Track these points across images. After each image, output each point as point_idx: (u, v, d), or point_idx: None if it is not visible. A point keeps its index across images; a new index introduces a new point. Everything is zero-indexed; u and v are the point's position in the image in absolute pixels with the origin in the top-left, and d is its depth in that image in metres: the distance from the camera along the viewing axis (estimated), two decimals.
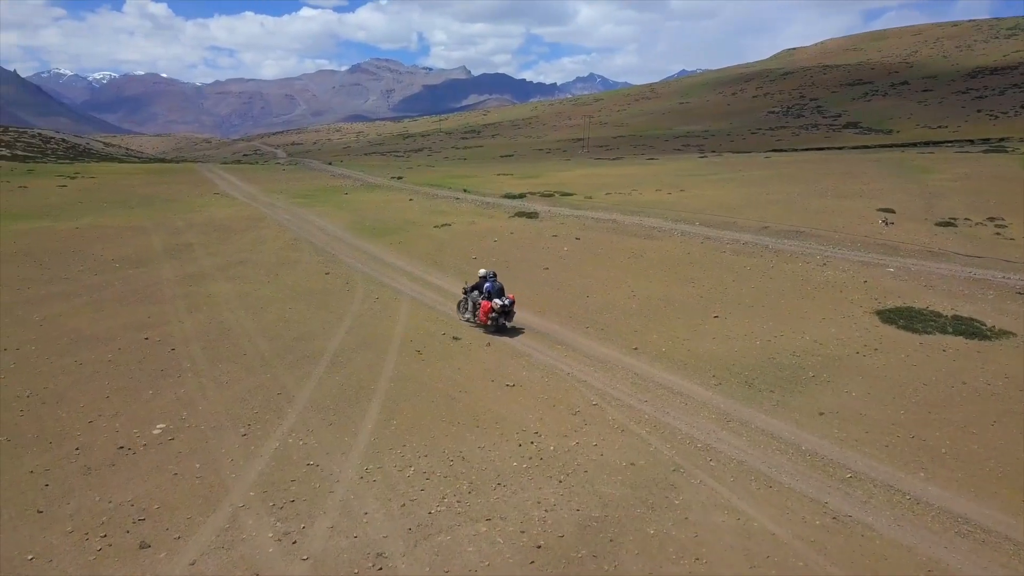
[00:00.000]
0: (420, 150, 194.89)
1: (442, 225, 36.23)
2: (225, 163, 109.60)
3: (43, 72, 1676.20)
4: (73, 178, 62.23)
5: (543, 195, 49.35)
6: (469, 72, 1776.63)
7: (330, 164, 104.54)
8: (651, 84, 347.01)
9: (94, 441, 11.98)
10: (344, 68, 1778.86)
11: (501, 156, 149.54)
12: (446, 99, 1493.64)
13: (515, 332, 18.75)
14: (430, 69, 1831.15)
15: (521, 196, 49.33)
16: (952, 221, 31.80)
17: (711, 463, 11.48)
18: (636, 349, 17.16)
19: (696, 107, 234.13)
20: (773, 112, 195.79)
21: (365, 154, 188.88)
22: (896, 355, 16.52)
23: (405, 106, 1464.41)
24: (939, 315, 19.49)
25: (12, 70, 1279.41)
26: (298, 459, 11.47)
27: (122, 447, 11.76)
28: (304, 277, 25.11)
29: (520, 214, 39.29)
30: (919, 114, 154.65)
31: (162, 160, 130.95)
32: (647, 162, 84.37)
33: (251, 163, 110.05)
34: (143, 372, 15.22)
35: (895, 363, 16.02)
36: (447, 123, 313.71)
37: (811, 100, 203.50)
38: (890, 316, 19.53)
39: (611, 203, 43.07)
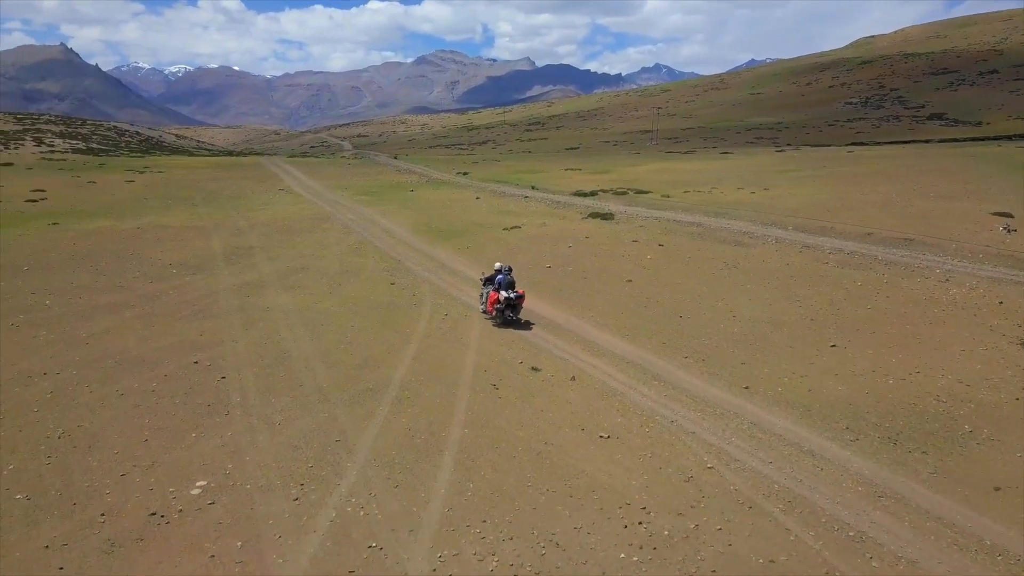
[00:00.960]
0: (484, 143, 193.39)
1: (511, 228, 34.10)
2: (292, 156, 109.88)
3: (123, 66, 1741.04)
4: (142, 172, 62.41)
5: (616, 193, 46.81)
6: (533, 63, 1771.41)
7: (395, 158, 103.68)
8: (720, 74, 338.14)
9: (124, 503, 10.22)
10: (409, 60, 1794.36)
11: (566, 149, 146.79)
12: (510, 90, 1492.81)
13: (526, 326, 19.33)
14: (494, 60, 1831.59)
15: (593, 194, 46.90)
16: None
17: (872, 563, 9.03)
18: (747, 388, 14.70)
19: (768, 98, 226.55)
20: (851, 103, 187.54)
21: (430, 147, 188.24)
22: None
23: (469, 98, 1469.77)
24: None
25: (94, 64, 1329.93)
26: (358, 537, 9.47)
27: (154, 513, 9.94)
28: (368, 287, 23.31)
29: (594, 215, 36.89)
30: (1011, 104, 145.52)
31: (230, 153, 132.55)
32: (721, 156, 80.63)
33: (317, 156, 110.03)
34: (188, 407, 13.51)
35: None
36: (511, 115, 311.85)
37: (891, 90, 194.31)
38: None
39: (691, 203, 40.27)
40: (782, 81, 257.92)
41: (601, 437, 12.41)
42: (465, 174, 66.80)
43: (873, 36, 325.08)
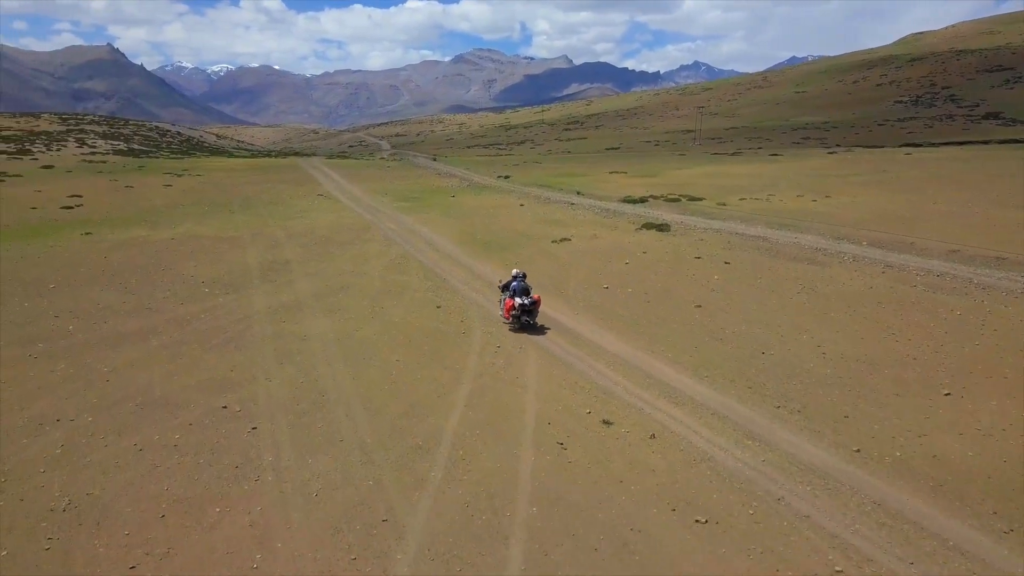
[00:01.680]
0: (522, 142, 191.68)
1: (561, 240, 32.08)
2: (330, 157, 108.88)
3: (167, 65, 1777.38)
4: (180, 176, 61.63)
5: (668, 199, 44.54)
6: (571, 61, 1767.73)
7: (435, 160, 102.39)
8: (763, 72, 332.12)
9: None
10: (447, 59, 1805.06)
11: (607, 149, 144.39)
12: (547, 88, 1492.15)
13: (541, 330, 19.63)
14: (531, 59, 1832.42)
15: (643, 201, 44.68)
16: None
17: None
18: (858, 451, 12.49)
19: (813, 96, 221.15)
20: (901, 102, 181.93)
21: (467, 147, 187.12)
22: None
23: (506, 96, 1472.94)
24: None
25: (139, 64, 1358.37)
26: None
27: None
28: (412, 311, 21.48)
29: (648, 226, 34.69)
30: None
31: (268, 154, 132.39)
32: (771, 159, 77.64)
33: (356, 157, 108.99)
34: (213, 470, 11.76)
35: None
36: (549, 114, 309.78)
37: (943, 88, 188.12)
38: None
39: (749, 211, 37.88)
40: (828, 79, 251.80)
41: (697, 522, 10.34)
42: (507, 178, 64.95)
43: (922, 32, 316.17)
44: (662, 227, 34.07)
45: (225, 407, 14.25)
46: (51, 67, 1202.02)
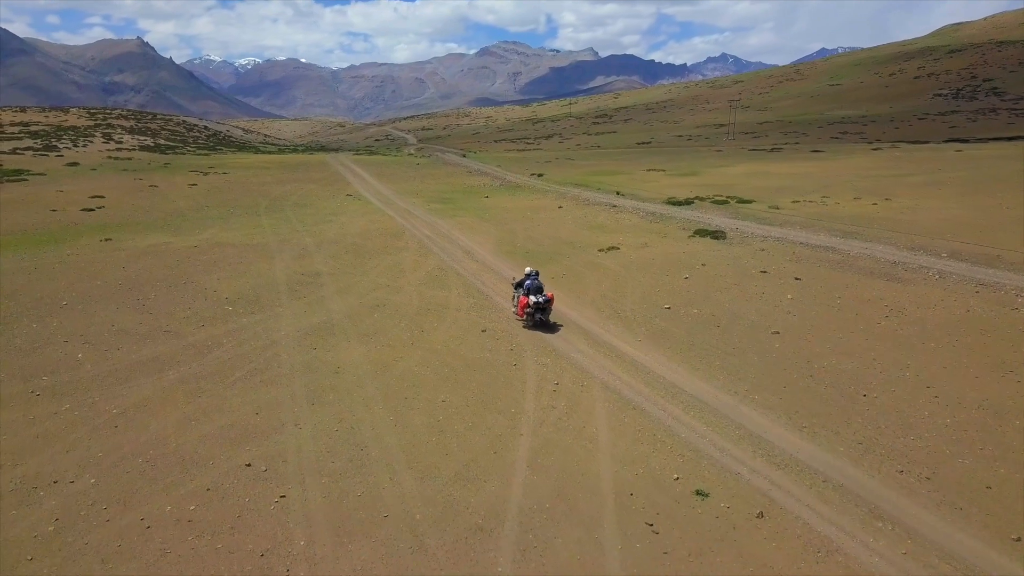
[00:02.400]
0: (551, 136, 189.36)
1: (609, 249, 29.79)
2: (357, 153, 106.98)
3: (195, 59, 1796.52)
4: (206, 174, 60.04)
5: (715, 202, 42.05)
6: (596, 54, 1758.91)
7: (464, 156, 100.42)
8: (796, 64, 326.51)
9: None
10: (473, 51, 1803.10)
11: (638, 144, 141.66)
12: (573, 81, 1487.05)
13: (554, 328, 19.84)
14: (557, 51, 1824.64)
15: (688, 203, 42.22)
16: None
17: None
18: (1019, 540, 10.17)
19: (849, 89, 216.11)
20: (940, 95, 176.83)
21: (495, 140, 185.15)
22: None
23: (532, 88, 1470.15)
24: None
25: (168, 57, 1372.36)
26: None
27: None
28: (456, 335, 19.33)
29: (702, 232, 32.27)
30: None
31: (295, 149, 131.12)
32: (813, 156, 74.57)
33: (384, 153, 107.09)
34: (234, 559, 9.67)
35: None
36: (576, 107, 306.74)
37: (985, 81, 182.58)
38: None
39: (807, 216, 35.31)
40: (863, 71, 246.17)
41: None
42: (540, 176, 62.67)
43: (960, 23, 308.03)
44: (717, 234, 31.63)
45: (249, 465, 12.20)
46: (82, 60, 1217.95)
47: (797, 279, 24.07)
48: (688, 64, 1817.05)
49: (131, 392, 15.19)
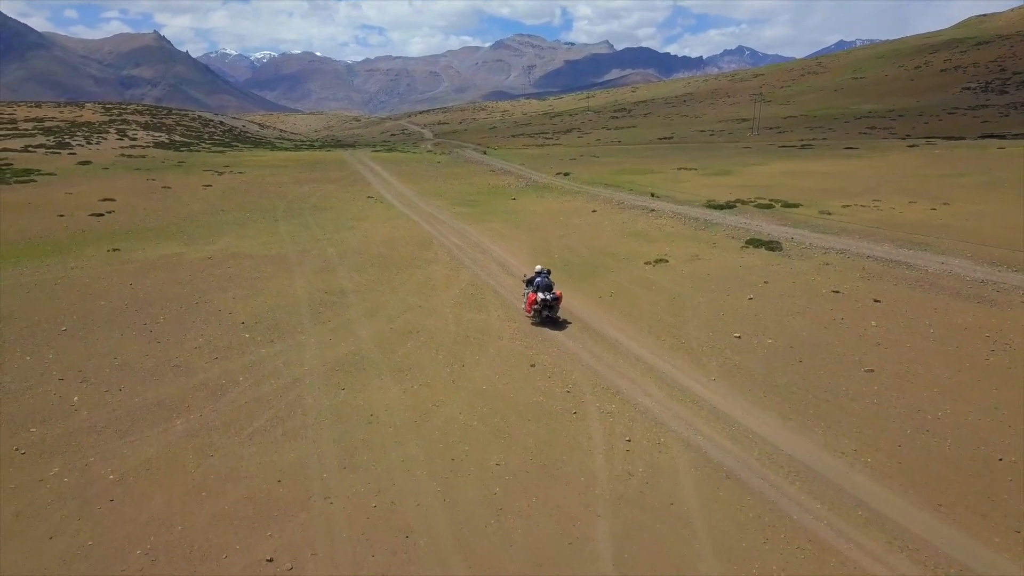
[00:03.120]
0: (569, 131, 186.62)
1: (656, 261, 27.36)
2: (375, 150, 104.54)
3: (211, 52, 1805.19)
4: (221, 174, 58.00)
5: (759, 206, 39.48)
6: (612, 47, 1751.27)
7: (485, 154, 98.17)
8: (817, 57, 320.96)
9: None
10: (487, 44, 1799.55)
11: (659, 139, 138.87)
12: (588, 74, 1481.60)
13: (562, 324, 20.20)
14: (572, 44, 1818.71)
15: (730, 206, 39.69)
16: None
17: None
18: None
19: (873, 83, 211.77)
20: (968, 88, 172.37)
21: (512, 135, 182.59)
22: None
23: (546, 82, 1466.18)
24: None
25: (184, 51, 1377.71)
26: None
27: None
28: (501, 372, 16.96)
29: (755, 243, 29.74)
30: None
31: (311, 145, 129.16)
32: (848, 153, 71.53)
33: (402, 149, 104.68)
34: None
35: None
36: (594, 100, 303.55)
37: (1015, 74, 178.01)
38: None
39: (864, 223, 32.70)
40: (887, 64, 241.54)
41: None
42: (567, 175, 60.18)
43: (986, 15, 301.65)
44: (772, 245, 29.10)
45: (271, 560, 9.92)
46: (99, 54, 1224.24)
47: (876, 301, 21.53)
48: (704, 57, 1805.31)
49: (132, 450, 12.95)
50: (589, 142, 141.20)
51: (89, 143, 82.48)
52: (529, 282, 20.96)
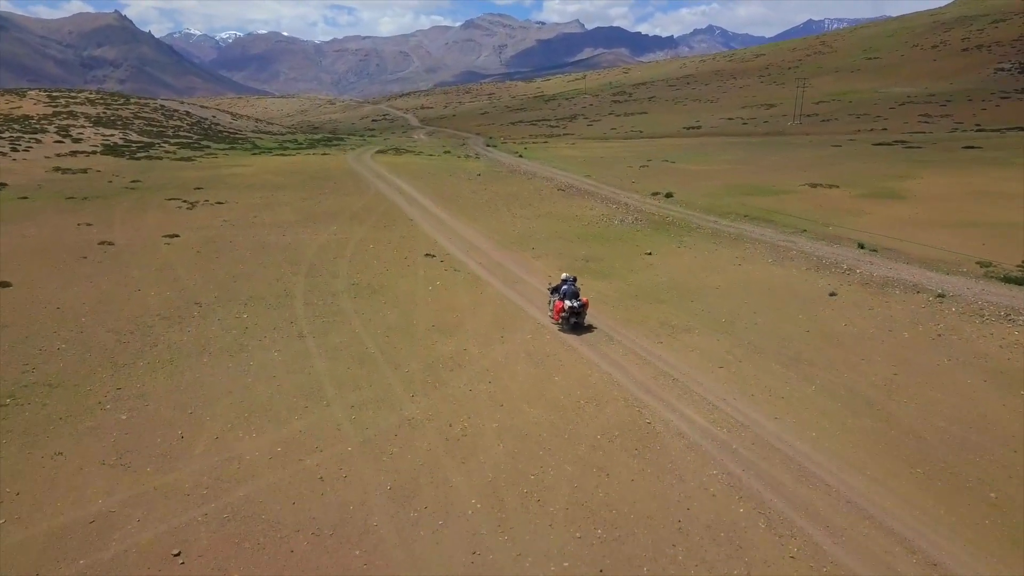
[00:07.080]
0: (574, 117, 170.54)
1: None
2: (383, 152, 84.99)
3: (175, 33, 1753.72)
4: (192, 207, 39.80)
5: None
6: (583, 26, 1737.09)
7: (495, 147, 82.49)
8: (820, 35, 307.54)
9: None
10: (458, 24, 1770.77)
11: (685, 128, 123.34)
12: (560, 53, 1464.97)
13: (588, 329, 19.93)
14: (543, 23, 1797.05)
15: (1023, 282, 23.91)
16: None
17: None
18: None
19: (891, 64, 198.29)
20: (1003, 70, 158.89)
21: (511, 123, 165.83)
22: None
23: (517, 61, 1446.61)
24: None
25: (147, 31, 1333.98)
26: None
27: None
28: None
29: None
30: None
31: (297, 143, 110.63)
32: (996, 159, 56.25)
33: (416, 152, 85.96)
34: None
35: None
36: (586, 82, 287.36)
37: None
38: None
39: None
40: (899, 44, 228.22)
41: None
42: (670, 196, 43.60)
43: None
44: None
45: None
46: (60, 35, 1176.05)
47: None
48: (675, 36, 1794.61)
49: None
50: (605, 132, 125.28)
51: (16, 149, 63.70)
52: (555, 290, 20.74)
